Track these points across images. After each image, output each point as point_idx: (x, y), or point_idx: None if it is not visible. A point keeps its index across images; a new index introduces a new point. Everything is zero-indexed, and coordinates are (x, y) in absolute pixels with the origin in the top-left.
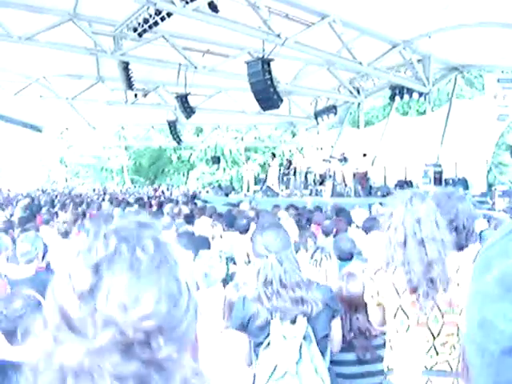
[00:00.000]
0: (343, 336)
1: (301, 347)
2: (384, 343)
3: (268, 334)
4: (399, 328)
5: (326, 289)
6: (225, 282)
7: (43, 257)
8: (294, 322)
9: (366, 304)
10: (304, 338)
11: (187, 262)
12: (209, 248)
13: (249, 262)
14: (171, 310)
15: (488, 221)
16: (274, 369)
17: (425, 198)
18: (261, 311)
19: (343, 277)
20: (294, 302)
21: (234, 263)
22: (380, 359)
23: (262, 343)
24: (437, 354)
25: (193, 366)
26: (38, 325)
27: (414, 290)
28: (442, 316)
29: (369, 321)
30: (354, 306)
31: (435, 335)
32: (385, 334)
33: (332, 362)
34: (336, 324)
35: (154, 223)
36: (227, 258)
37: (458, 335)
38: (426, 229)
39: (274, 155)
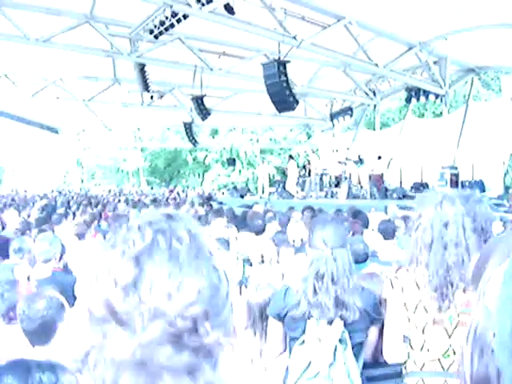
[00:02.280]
0: None
1: (335, 350)
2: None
3: (303, 331)
4: (418, 324)
5: (370, 295)
6: (240, 283)
7: (60, 257)
8: (330, 323)
9: (384, 304)
10: (340, 341)
11: (220, 252)
12: (228, 249)
13: (262, 262)
14: (214, 297)
15: (504, 224)
16: (307, 367)
17: (455, 201)
18: (302, 303)
19: (365, 276)
20: (336, 302)
21: (250, 265)
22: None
23: (295, 338)
24: (454, 353)
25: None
26: (77, 321)
27: (434, 291)
28: (458, 315)
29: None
30: (379, 301)
31: (450, 334)
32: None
33: None
34: (373, 331)
35: (184, 215)
36: (243, 260)
37: None
38: (452, 233)
39: (291, 157)
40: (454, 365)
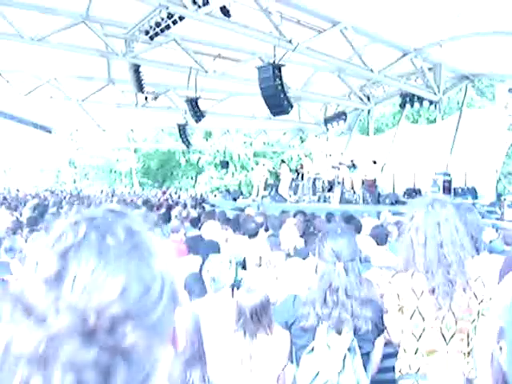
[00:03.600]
0: None
1: (345, 358)
2: (395, 353)
3: (312, 338)
4: (414, 330)
5: (378, 307)
6: (233, 286)
7: None
8: (340, 332)
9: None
10: (349, 349)
11: (167, 253)
12: (218, 252)
13: (260, 265)
14: (141, 297)
15: (496, 231)
16: (316, 376)
17: (445, 203)
18: (311, 315)
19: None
20: (350, 315)
21: (243, 268)
22: (390, 369)
23: (304, 346)
24: (450, 359)
25: (170, 358)
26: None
27: (433, 290)
28: (456, 323)
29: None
30: None
31: (447, 341)
32: (393, 343)
33: None
34: (379, 343)
35: (129, 212)
36: (236, 263)
37: (467, 343)
38: (446, 232)
39: (283, 161)
40: (450, 370)
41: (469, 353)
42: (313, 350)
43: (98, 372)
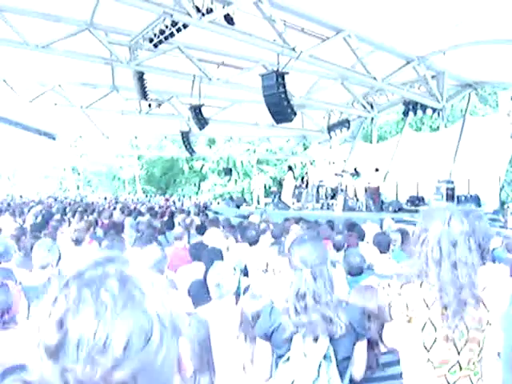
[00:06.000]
0: None
1: (320, 366)
2: (398, 361)
3: (289, 348)
4: (426, 341)
5: (355, 310)
6: (237, 294)
7: (57, 264)
8: (316, 340)
9: (380, 318)
10: (324, 357)
11: (159, 286)
12: (222, 259)
13: (266, 271)
14: (144, 347)
15: (502, 239)
16: None
17: (462, 219)
18: (288, 324)
19: (360, 288)
20: (321, 320)
21: (245, 275)
22: (393, 377)
23: (282, 356)
24: (460, 369)
25: None
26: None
27: (445, 308)
28: (468, 332)
29: (381, 337)
30: (367, 315)
31: (459, 351)
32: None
33: None
34: (360, 347)
35: (118, 256)
36: (240, 270)
37: (479, 353)
38: (461, 253)
39: (290, 168)
40: (460, 381)
41: (478, 361)
42: (289, 359)
43: None
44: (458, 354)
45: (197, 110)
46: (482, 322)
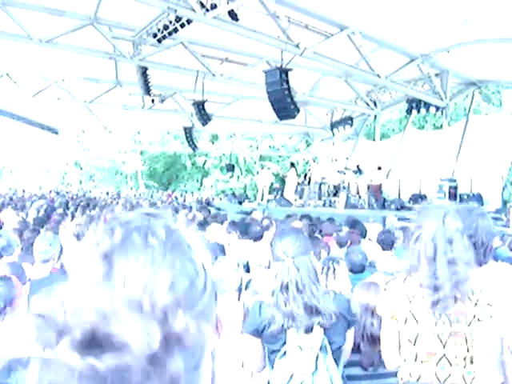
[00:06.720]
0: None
1: (317, 358)
2: None
3: (284, 342)
4: (410, 335)
5: (343, 299)
6: (239, 289)
7: (58, 258)
8: (309, 331)
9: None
10: (320, 348)
11: (202, 246)
12: (224, 254)
13: (269, 267)
14: (188, 290)
15: (501, 238)
16: (290, 378)
17: (457, 217)
18: (276, 317)
19: (364, 284)
20: (308, 310)
21: (248, 271)
22: (395, 374)
23: (276, 351)
24: (450, 365)
25: (215, 344)
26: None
27: (435, 303)
28: (451, 325)
29: None
30: (371, 310)
31: (444, 344)
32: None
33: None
34: (350, 334)
35: (163, 213)
36: (243, 266)
37: (467, 348)
38: (457, 250)
39: (292, 165)
40: (451, 379)
41: (470, 359)
42: (285, 354)
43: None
44: (444, 347)
45: (200, 106)
46: (467, 317)
